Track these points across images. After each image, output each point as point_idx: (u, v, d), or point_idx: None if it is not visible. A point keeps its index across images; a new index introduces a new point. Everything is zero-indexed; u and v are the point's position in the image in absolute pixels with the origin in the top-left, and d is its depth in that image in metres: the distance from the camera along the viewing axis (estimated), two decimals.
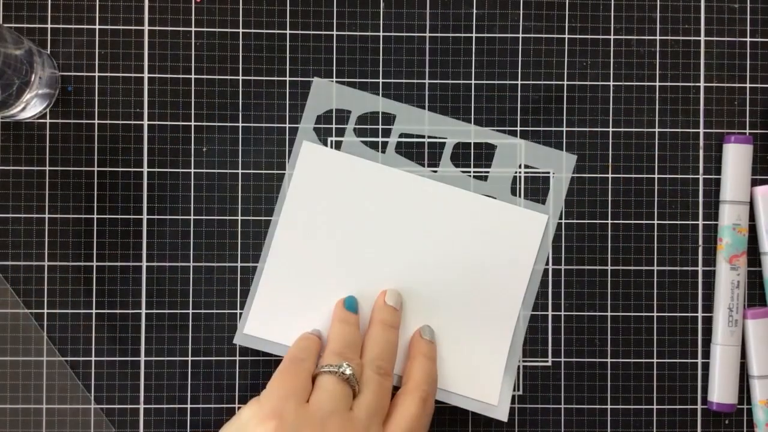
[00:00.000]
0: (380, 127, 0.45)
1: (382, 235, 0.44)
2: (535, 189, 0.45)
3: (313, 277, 0.44)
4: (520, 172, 0.45)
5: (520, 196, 0.45)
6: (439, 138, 0.45)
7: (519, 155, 0.45)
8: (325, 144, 0.44)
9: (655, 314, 0.45)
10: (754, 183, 0.45)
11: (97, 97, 0.44)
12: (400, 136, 0.45)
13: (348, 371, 0.38)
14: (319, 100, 0.44)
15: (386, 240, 0.44)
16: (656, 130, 0.45)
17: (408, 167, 0.44)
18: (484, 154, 0.45)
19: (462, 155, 0.45)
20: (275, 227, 0.44)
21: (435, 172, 0.44)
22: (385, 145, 0.45)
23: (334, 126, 0.45)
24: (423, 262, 0.44)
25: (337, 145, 0.44)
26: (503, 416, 0.44)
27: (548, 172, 0.45)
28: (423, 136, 0.45)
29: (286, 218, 0.44)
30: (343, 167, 0.44)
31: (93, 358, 0.44)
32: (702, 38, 0.45)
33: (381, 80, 0.45)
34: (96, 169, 0.44)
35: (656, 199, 0.45)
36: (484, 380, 0.44)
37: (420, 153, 0.45)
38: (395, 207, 0.44)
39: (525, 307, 0.44)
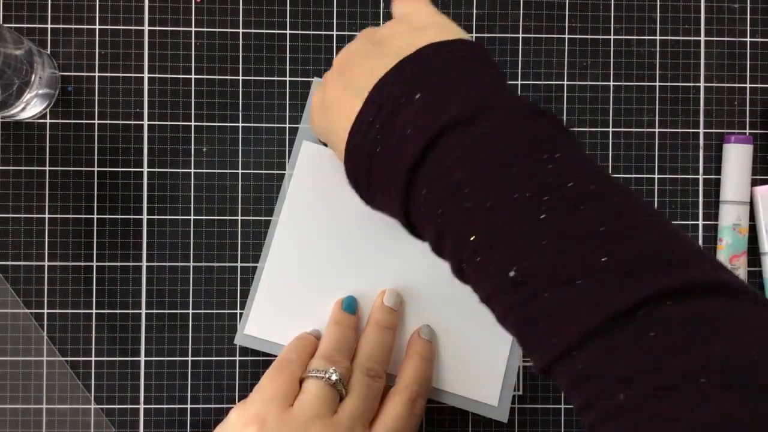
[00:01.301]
0: None
1: (383, 235, 0.44)
2: None
3: (313, 278, 0.44)
4: None
5: None
6: None
7: None
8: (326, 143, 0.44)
9: None
10: (754, 183, 0.45)
11: (97, 97, 0.44)
12: None
13: (334, 377, 0.38)
14: None
15: (386, 240, 0.44)
16: (656, 130, 0.45)
17: None
18: None
19: None
20: (275, 227, 0.44)
21: None
22: None
23: None
24: (423, 262, 0.44)
25: None
26: (503, 417, 0.44)
27: None
28: None
29: (287, 218, 0.44)
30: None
31: (93, 358, 0.44)
32: (702, 38, 0.45)
33: None
34: (96, 169, 0.44)
35: (656, 199, 0.45)
36: (484, 381, 0.44)
37: None
38: None
39: None
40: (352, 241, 0.44)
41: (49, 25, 0.44)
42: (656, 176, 0.45)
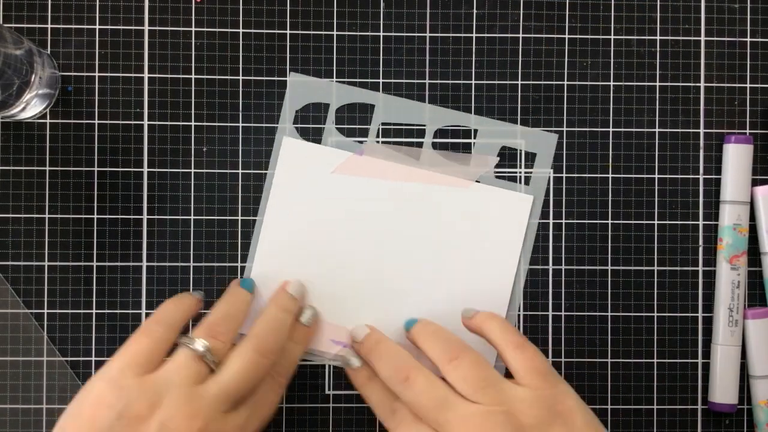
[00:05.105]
0: (359, 116, 0.45)
1: (370, 226, 0.44)
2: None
3: (302, 276, 0.44)
4: (504, 154, 0.45)
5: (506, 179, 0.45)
6: (419, 126, 0.45)
7: (515, 141, 0.45)
8: (307, 135, 0.44)
9: (655, 314, 0.45)
10: (754, 183, 0.45)
11: (97, 97, 0.44)
12: (381, 125, 0.44)
13: (201, 348, 0.37)
14: (296, 97, 0.44)
15: (374, 230, 0.44)
16: (656, 130, 0.45)
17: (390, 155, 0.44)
18: (465, 140, 0.45)
19: (444, 141, 0.44)
20: (260, 227, 0.44)
21: (417, 159, 0.44)
22: (365, 133, 0.44)
23: (322, 116, 0.45)
24: (413, 256, 0.44)
25: (318, 133, 0.44)
26: None
27: (533, 153, 0.45)
28: (403, 124, 0.45)
29: (271, 217, 0.44)
30: (326, 160, 0.44)
31: (93, 358, 0.44)
32: (702, 38, 0.45)
33: (381, 80, 0.45)
34: (96, 169, 0.44)
35: (656, 199, 0.45)
36: None
37: (401, 141, 0.44)
38: (380, 197, 0.44)
39: (512, 307, 0.44)
40: (339, 235, 0.44)
41: (49, 25, 0.44)
42: (656, 176, 0.45)
